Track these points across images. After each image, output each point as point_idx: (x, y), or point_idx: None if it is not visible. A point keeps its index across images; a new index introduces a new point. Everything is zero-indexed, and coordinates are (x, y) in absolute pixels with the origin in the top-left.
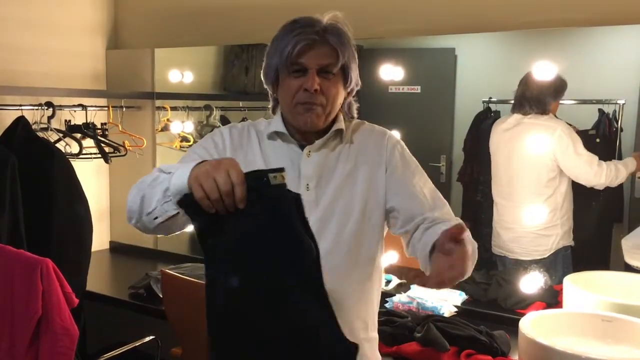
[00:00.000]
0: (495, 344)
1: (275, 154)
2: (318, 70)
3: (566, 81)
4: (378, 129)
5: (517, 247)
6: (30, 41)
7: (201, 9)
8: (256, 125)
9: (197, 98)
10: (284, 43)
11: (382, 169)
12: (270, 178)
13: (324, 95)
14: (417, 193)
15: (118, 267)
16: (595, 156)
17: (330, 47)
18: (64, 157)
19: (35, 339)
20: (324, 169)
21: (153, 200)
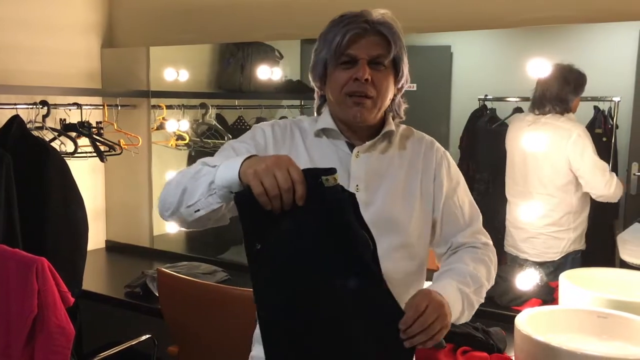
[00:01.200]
0: (492, 340)
1: (322, 153)
2: (369, 61)
3: (585, 74)
4: (427, 138)
5: (528, 248)
6: (25, 40)
7: (196, 7)
8: (299, 123)
9: (193, 96)
10: (333, 35)
11: (432, 180)
12: (323, 180)
13: (374, 87)
14: (456, 212)
15: (114, 266)
16: (607, 165)
17: (382, 37)
18: (59, 156)
19: (31, 338)
20: (374, 172)
21: (196, 192)
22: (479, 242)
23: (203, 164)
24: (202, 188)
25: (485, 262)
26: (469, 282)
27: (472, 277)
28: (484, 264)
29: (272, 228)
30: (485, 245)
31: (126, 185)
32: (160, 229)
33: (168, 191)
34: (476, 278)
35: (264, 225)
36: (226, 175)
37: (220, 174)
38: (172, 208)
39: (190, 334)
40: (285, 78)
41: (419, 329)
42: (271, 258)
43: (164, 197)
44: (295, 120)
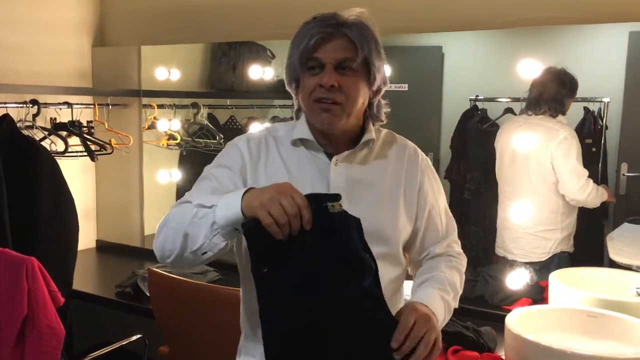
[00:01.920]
0: (482, 339)
1: (299, 163)
2: (336, 65)
3: (577, 78)
4: (411, 145)
5: (515, 248)
6: (15, 39)
7: (188, 6)
8: (273, 132)
9: (184, 96)
10: (300, 39)
11: (416, 190)
12: (328, 207)
13: (342, 92)
14: (437, 223)
15: (105, 265)
16: (586, 172)
17: (348, 40)
18: (49, 155)
19: (21, 338)
20: (355, 181)
21: (199, 236)
22: (454, 251)
23: (198, 206)
24: (205, 231)
25: (459, 271)
26: (448, 290)
27: (451, 285)
28: (458, 272)
29: (278, 254)
30: (459, 255)
31: (117, 185)
32: (151, 229)
33: (165, 237)
34: (454, 286)
35: (271, 251)
36: (228, 214)
37: (220, 213)
38: (175, 254)
39: (182, 333)
40: (277, 78)
41: (412, 344)
42: (277, 281)
43: (161, 243)
44: (270, 130)
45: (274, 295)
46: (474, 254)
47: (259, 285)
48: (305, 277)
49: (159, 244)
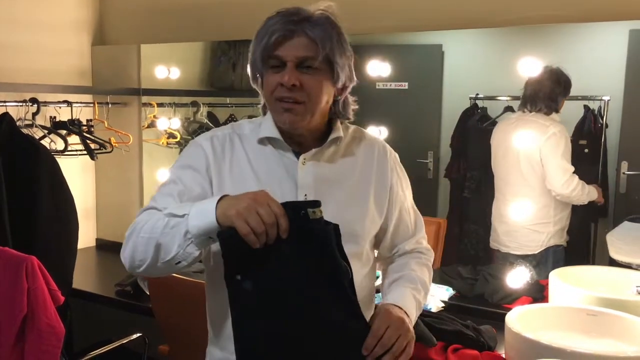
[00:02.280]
0: (482, 338)
1: (266, 163)
2: (297, 63)
3: (571, 79)
4: (380, 142)
5: (509, 241)
6: (14, 37)
7: (187, 5)
8: (238, 129)
9: (184, 94)
10: (262, 35)
11: (387, 189)
12: (309, 213)
13: (304, 91)
14: (407, 220)
15: (104, 264)
16: (572, 168)
17: (308, 39)
18: (49, 153)
19: (21, 337)
20: (323, 179)
21: (172, 247)
22: (422, 247)
23: (169, 215)
24: (178, 241)
25: (429, 267)
26: (419, 289)
27: (422, 284)
28: (428, 269)
29: (254, 262)
30: (427, 251)
31: (117, 184)
32: None
33: (135, 247)
34: (424, 284)
35: (246, 259)
36: (201, 223)
37: (194, 222)
38: (146, 264)
39: (181, 332)
40: None
41: (382, 350)
42: (251, 289)
43: (131, 253)
44: (235, 127)
45: (248, 303)
46: (473, 252)
47: (232, 293)
48: (280, 285)
49: (127, 254)
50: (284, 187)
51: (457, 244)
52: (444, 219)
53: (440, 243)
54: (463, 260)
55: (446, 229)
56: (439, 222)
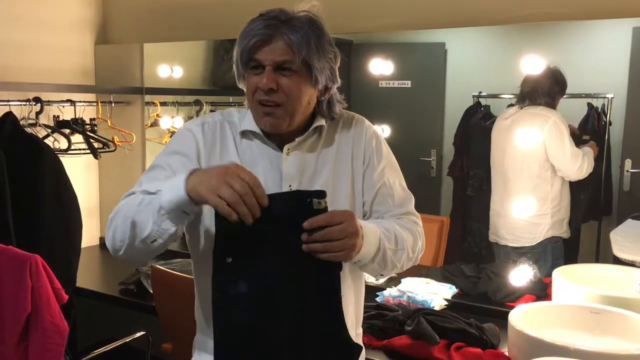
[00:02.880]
0: (485, 336)
1: (252, 154)
2: (274, 67)
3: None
4: (357, 120)
5: (507, 234)
6: (18, 37)
7: (190, 4)
8: (228, 117)
9: (187, 93)
10: (243, 37)
11: (362, 161)
12: (314, 203)
13: (283, 92)
14: (387, 193)
15: (108, 263)
16: (580, 151)
17: (286, 43)
18: (52, 152)
19: (25, 335)
20: (305, 169)
21: (147, 223)
22: (409, 220)
23: (143, 193)
24: (152, 217)
25: (413, 233)
26: (392, 240)
27: (398, 238)
28: (412, 233)
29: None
30: (415, 224)
31: (120, 182)
32: None
33: (115, 229)
34: (401, 240)
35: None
36: (172, 197)
37: (165, 198)
38: (125, 245)
39: (185, 330)
40: None
41: (320, 238)
42: (243, 272)
43: (112, 235)
44: (225, 115)
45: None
46: (476, 250)
47: (219, 274)
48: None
49: (109, 237)
50: (268, 178)
51: (460, 242)
52: (447, 217)
53: (443, 241)
54: (466, 259)
55: (449, 227)
56: (442, 221)
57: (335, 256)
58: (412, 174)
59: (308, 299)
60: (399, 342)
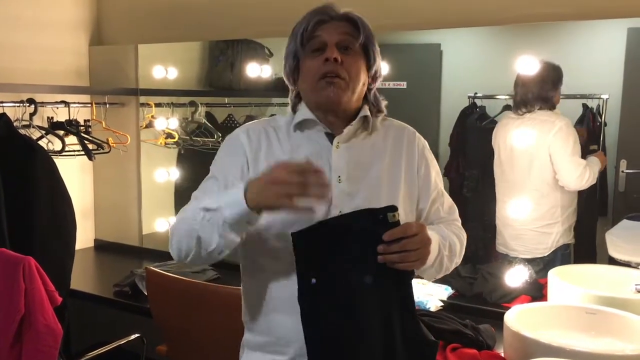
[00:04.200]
0: (481, 337)
1: (300, 149)
2: (337, 43)
3: (560, 67)
4: (410, 129)
5: (518, 245)
6: (11, 37)
7: (185, 4)
8: (272, 122)
9: (182, 94)
10: (299, 25)
11: (415, 169)
12: (388, 217)
13: (345, 69)
14: (436, 199)
15: (103, 265)
16: (583, 161)
17: (348, 21)
18: (46, 154)
19: (18, 338)
20: (356, 162)
21: (213, 238)
22: (457, 227)
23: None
24: (218, 231)
25: (460, 239)
26: (446, 246)
27: (451, 244)
28: (459, 240)
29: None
30: (461, 230)
31: (115, 184)
32: (149, 228)
33: (180, 241)
34: (454, 246)
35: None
36: (234, 212)
37: (227, 213)
38: (192, 255)
39: (180, 333)
40: (275, 76)
41: (398, 249)
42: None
43: (177, 247)
44: (270, 120)
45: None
46: (472, 251)
47: (304, 293)
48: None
49: (175, 249)
50: None
51: None
52: None
53: None
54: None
55: None
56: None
57: (411, 265)
58: None
59: (389, 308)
60: None
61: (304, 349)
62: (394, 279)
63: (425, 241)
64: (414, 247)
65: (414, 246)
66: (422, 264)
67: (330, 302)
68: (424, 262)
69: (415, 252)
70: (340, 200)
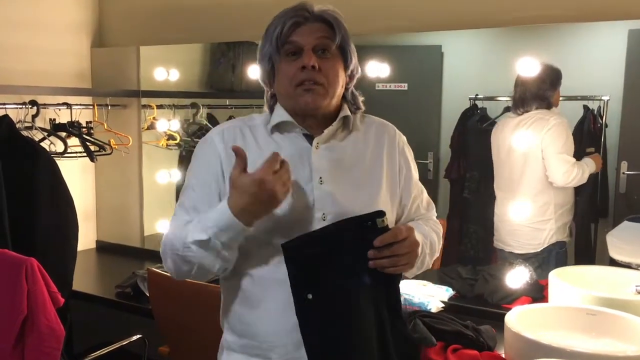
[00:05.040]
0: (482, 338)
1: (279, 148)
2: (313, 48)
3: (559, 69)
4: (387, 124)
5: (512, 240)
6: (14, 39)
7: (187, 6)
8: (249, 121)
9: (184, 96)
10: (273, 27)
11: (397, 167)
12: (377, 222)
13: (323, 74)
14: (417, 196)
15: (104, 266)
16: (573, 159)
17: (324, 23)
18: (48, 156)
19: (21, 339)
20: (336, 162)
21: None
22: (435, 223)
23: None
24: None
25: (438, 235)
26: (428, 244)
27: (432, 243)
28: (438, 236)
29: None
30: (438, 226)
31: (117, 186)
32: (151, 229)
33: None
34: (434, 244)
35: (313, 274)
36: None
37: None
38: (192, 277)
39: (181, 333)
40: None
41: (388, 253)
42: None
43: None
44: (246, 120)
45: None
46: (473, 252)
47: (302, 311)
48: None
49: (172, 270)
50: (298, 173)
51: (457, 245)
52: (444, 220)
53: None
54: (463, 261)
55: (446, 229)
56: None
57: (402, 269)
58: None
59: (382, 312)
60: None
61: (288, 354)
62: (384, 284)
63: (414, 244)
64: (404, 251)
65: (404, 250)
66: (411, 267)
67: (328, 315)
68: (412, 264)
69: (405, 255)
70: (322, 202)
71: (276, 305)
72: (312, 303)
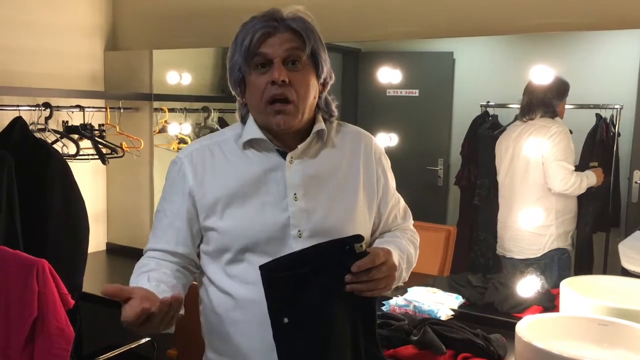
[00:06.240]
0: (492, 347)
1: (251, 165)
2: (284, 60)
3: (568, 82)
4: (363, 133)
5: (513, 246)
6: (28, 42)
7: (200, 11)
8: (218, 137)
9: (195, 100)
10: (242, 37)
11: (375, 176)
12: (355, 247)
13: (294, 89)
14: (394, 206)
15: (114, 268)
16: (572, 167)
17: (293, 32)
18: (61, 158)
19: (31, 339)
20: (311, 177)
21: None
22: (413, 233)
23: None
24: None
25: (415, 247)
26: (405, 259)
27: (409, 256)
28: (415, 248)
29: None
30: (415, 235)
31: (127, 188)
32: None
33: None
34: (410, 258)
35: (289, 297)
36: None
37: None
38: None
39: (190, 336)
40: None
41: (365, 278)
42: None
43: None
44: (214, 136)
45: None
46: (483, 260)
47: (279, 335)
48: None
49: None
50: (270, 189)
51: (467, 252)
52: (454, 227)
53: (450, 251)
54: (473, 269)
55: (456, 236)
56: (449, 230)
57: (379, 292)
58: (419, 182)
59: (359, 333)
60: (405, 351)
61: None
62: (361, 306)
63: (391, 268)
64: (382, 275)
65: (382, 275)
66: (388, 290)
67: (304, 338)
68: (390, 287)
69: (383, 279)
70: (297, 219)
71: (253, 325)
72: (289, 327)
